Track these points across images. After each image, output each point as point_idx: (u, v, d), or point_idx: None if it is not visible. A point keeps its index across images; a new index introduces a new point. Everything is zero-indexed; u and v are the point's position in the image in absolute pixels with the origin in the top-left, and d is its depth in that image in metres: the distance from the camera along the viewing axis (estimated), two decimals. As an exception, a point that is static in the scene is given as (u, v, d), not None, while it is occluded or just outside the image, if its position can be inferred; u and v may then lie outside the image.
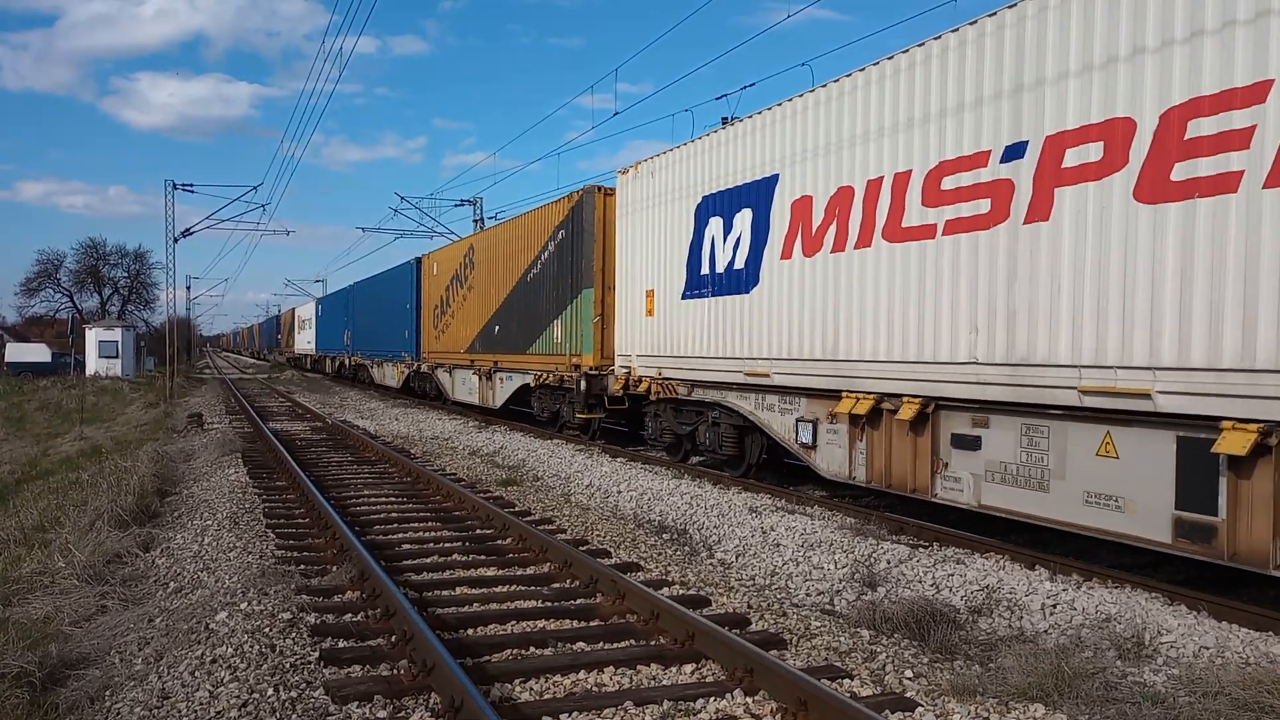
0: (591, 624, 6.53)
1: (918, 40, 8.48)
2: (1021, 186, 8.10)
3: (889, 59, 9.61)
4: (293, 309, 69.59)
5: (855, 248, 10.08)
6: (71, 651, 6.06)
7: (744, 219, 12.08)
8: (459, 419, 23.26)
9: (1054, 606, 6.83)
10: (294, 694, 5.13)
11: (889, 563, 8.07)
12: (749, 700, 5.11)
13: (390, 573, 7.43)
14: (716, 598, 7.18)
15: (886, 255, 9.61)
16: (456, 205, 40.40)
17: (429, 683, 5.22)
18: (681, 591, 7.36)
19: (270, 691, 5.12)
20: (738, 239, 12.20)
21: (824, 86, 10.61)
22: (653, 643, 6.09)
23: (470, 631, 6.36)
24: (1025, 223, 8.06)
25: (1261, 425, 6.31)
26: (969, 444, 8.71)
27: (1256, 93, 6.40)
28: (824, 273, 10.57)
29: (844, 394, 10.12)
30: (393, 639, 5.94)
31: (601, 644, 6.11)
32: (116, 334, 54.42)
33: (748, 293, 11.98)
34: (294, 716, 4.86)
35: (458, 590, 7.45)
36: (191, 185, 37.21)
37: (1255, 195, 6.38)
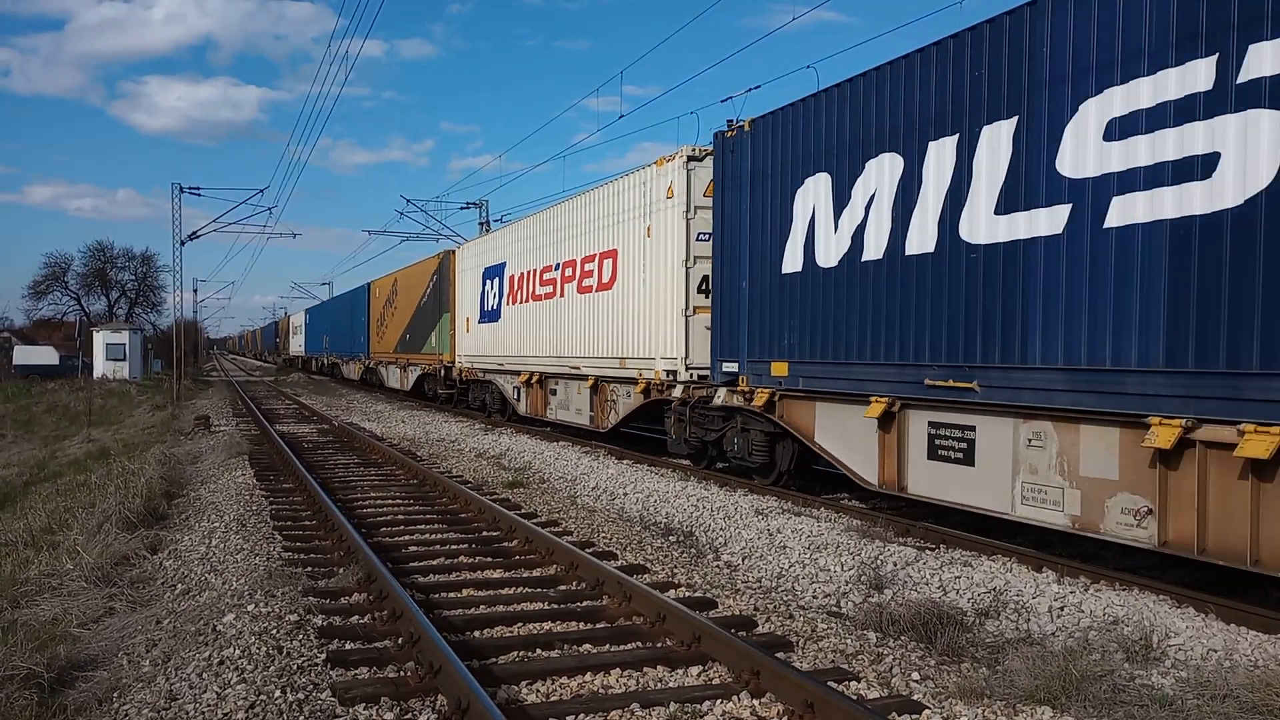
0: (598, 626, 6.53)
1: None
2: (559, 282, 18.27)
3: (534, 215, 19.98)
4: (288, 316, 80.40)
5: (525, 303, 20.20)
6: (80, 653, 6.08)
7: (496, 281, 22.42)
8: (465, 422, 23.31)
9: (1061, 609, 6.81)
10: (301, 696, 5.14)
11: (895, 565, 8.05)
12: (756, 703, 5.11)
13: (397, 574, 7.44)
14: (723, 600, 7.18)
15: (530, 308, 19.87)
16: (462, 208, 41.13)
17: (435, 684, 5.23)
18: (688, 594, 7.36)
19: (277, 693, 5.13)
20: (495, 293, 22.49)
21: (518, 222, 21.41)
22: (659, 645, 6.09)
23: (477, 633, 6.37)
24: (559, 299, 18.25)
25: (595, 377, 16.49)
26: (553, 392, 19.02)
27: (600, 254, 16.24)
28: (518, 314, 20.72)
29: (522, 372, 20.40)
30: (399, 641, 5.94)
31: (608, 646, 6.11)
32: (124, 337, 54.53)
33: (498, 322, 22.18)
34: (301, 718, 4.87)
35: (464, 592, 7.45)
36: (199, 188, 37.24)
37: (603, 294, 16.15)
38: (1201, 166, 6.68)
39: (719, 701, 5.12)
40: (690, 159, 13.36)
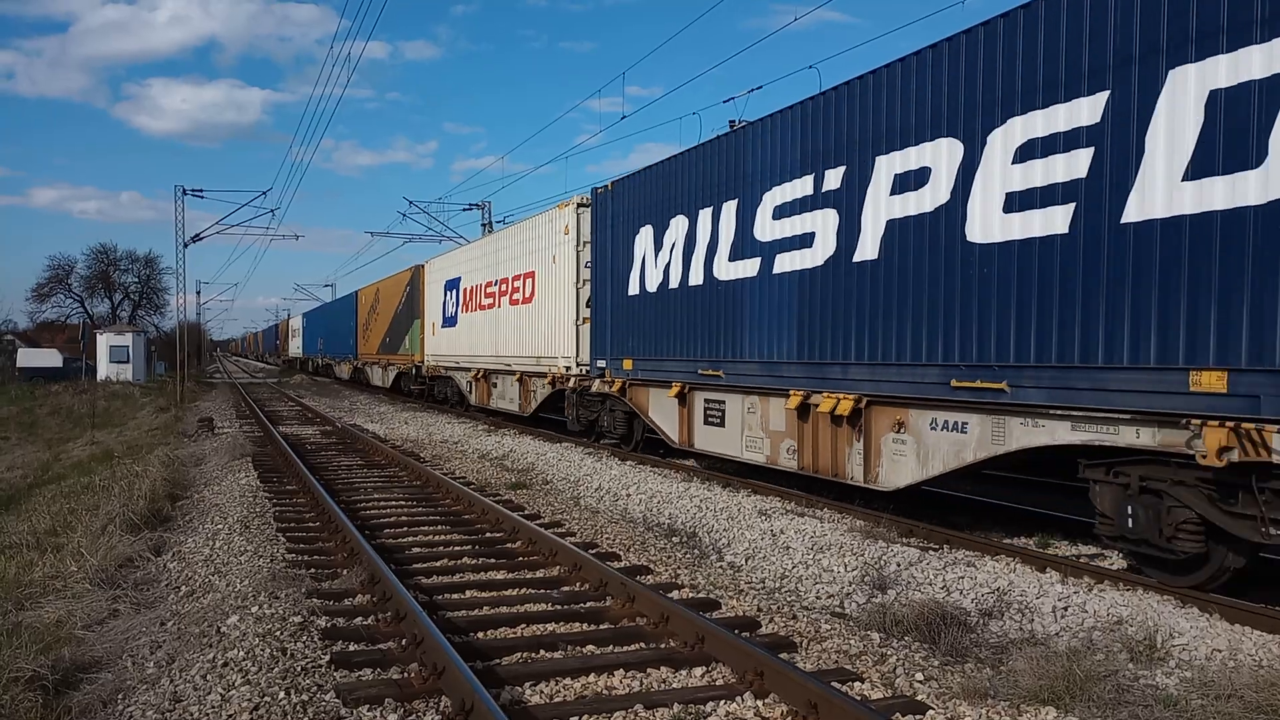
0: (601, 627, 6.53)
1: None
2: (497, 295, 21.94)
3: (481, 240, 25.61)
4: (287, 319, 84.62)
5: (474, 311, 24.17)
6: (84, 655, 6.09)
7: (454, 293, 26.47)
8: (468, 423, 23.32)
9: (1065, 609, 6.80)
10: (305, 697, 5.14)
11: (899, 565, 8.05)
12: (759, 703, 5.11)
13: (400, 576, 7.44)
14: (726, 601, 7.18)
15: (478, 316, 23.72)
16: (465, 209, 41.22)
17: (439, 686, 5.23)
18: (691, 594, 7.36)
19: (281, 695, 5.14)
20: (453, 302, 26.52)
21: (465, 247, 26.56)
22: (663, 646, 6.09)
23: (480, 635, 6.37)
24: (497, 309, 21.97)
25: (520, 372, 20.75)
26: (494, 385, 22.66)
27: (523, 274, 20.32)
28: (470, 321, 24.66)
29: (472, 369, 24.34)
30: (403, 642, 5.95)
31: (612, 647, 6.11)
32: (127, 339, 54.57)
33: (455, 327, 26.27)
34: (305, 719, 4.88)
35: (468, 594, 7.46)
36: (201, 190, 37.20)
37: (526, 306, 20.05)
38: (810, 240, 10.78)
39: (723, 702, 5.12)
40: (580, 205, 17.23)
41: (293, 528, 10.01)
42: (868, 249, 9.80)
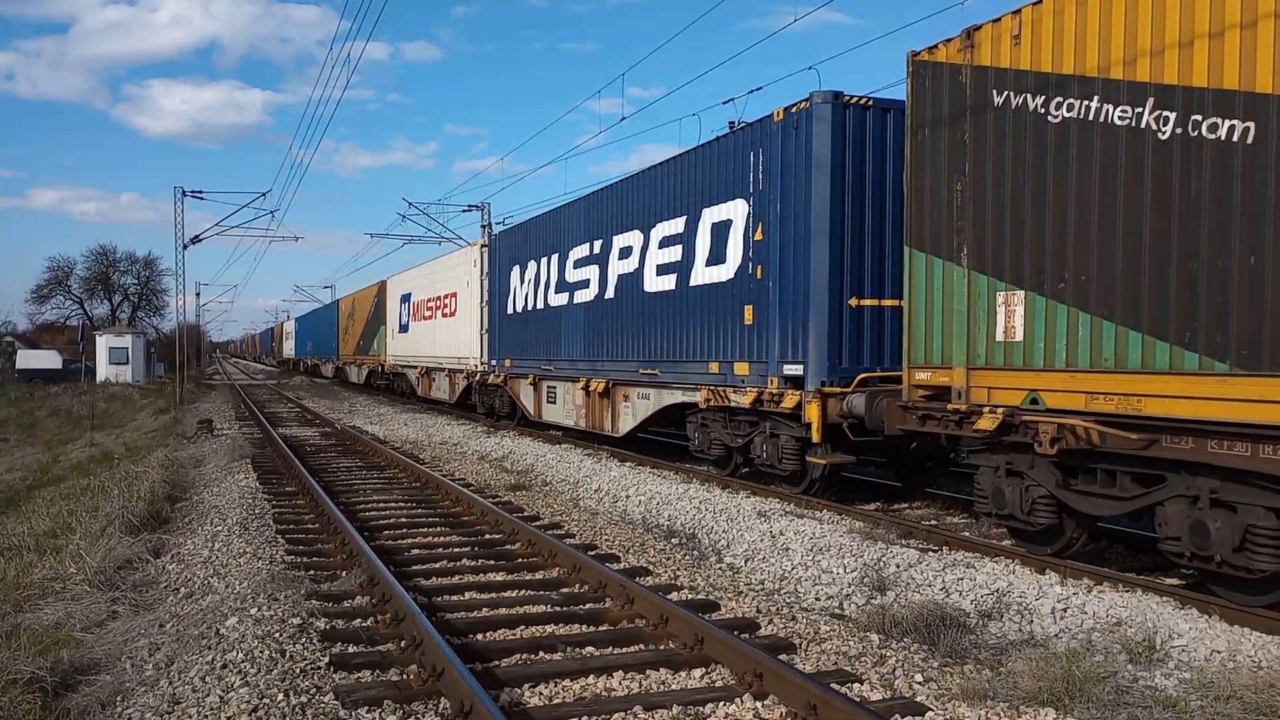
0: (600, 629, 6.53)
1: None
2: (435, 309, 28.52)
3: (421, 265, 31.43)
4: (281, 323, 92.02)
5: (420, 320, 30.50)
6: (83, 657, 6.08)
7: (407, 304, 32.42)
8: (467, 425, 23.33)
9: (1064, 610, 6.80)
10: (304, 699, 5.14)
11: (898, 567, 8.04)
12: (758, 705, 5.11)
13: (400, 578, 7.43)
14: (726, 602, 7.18)
15: (422, 324, 30.17)
16: (464, 211, 41.58)
17: (438, 688, 5.23)
18: (690, 596, 7.35)
19: (280, 696, 5.14)
20: (407, 310, 32.35)
21: (415, 269, 32.17)
22: (662, 647, 6.09)
23: (479, 636, 6.37)
24: (434, 320, 28.45)
25: (449, 369, 27.30)
26: (433, 379, 29.27)
27: (449, 294, 26.97)
28: (417, 328, 30.98)
29: (418, 367, 30.75)
30: (402, 644, 5.95)
31: (611, 649, 6.11)
32: (127, 340, 54.58)
33: (407, 333, 32.33)
34: (304, 721, 4.87)
35: (467, 595, 7.45)
36: (201, 192, 37.05)
37: (451, 318, 26.70)
38: (588, 284, 16.97)
39: (722, 704, 5.12)
40: (483, 245, 24.09)
41: (292, 529, 10.01)
42: (610, 292, 16.14)
